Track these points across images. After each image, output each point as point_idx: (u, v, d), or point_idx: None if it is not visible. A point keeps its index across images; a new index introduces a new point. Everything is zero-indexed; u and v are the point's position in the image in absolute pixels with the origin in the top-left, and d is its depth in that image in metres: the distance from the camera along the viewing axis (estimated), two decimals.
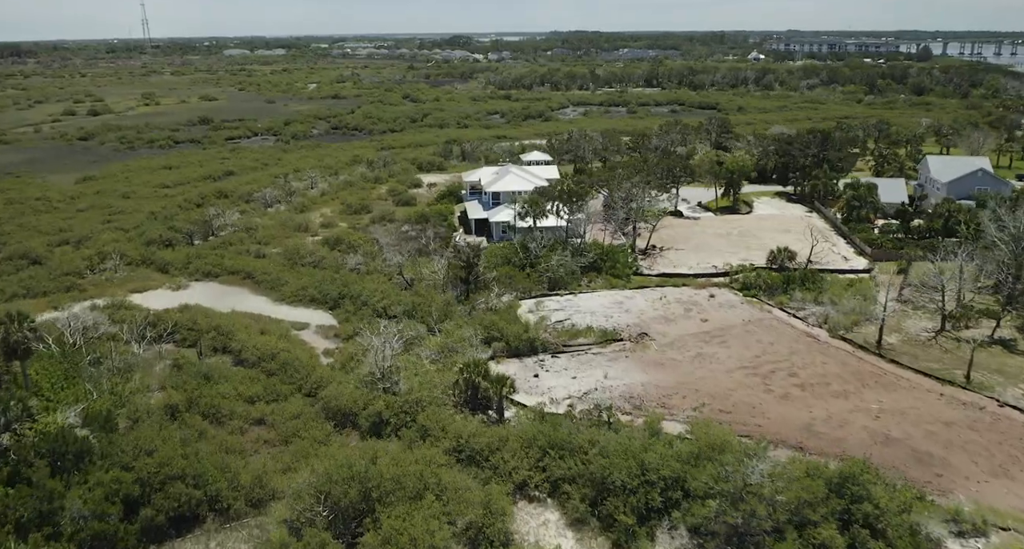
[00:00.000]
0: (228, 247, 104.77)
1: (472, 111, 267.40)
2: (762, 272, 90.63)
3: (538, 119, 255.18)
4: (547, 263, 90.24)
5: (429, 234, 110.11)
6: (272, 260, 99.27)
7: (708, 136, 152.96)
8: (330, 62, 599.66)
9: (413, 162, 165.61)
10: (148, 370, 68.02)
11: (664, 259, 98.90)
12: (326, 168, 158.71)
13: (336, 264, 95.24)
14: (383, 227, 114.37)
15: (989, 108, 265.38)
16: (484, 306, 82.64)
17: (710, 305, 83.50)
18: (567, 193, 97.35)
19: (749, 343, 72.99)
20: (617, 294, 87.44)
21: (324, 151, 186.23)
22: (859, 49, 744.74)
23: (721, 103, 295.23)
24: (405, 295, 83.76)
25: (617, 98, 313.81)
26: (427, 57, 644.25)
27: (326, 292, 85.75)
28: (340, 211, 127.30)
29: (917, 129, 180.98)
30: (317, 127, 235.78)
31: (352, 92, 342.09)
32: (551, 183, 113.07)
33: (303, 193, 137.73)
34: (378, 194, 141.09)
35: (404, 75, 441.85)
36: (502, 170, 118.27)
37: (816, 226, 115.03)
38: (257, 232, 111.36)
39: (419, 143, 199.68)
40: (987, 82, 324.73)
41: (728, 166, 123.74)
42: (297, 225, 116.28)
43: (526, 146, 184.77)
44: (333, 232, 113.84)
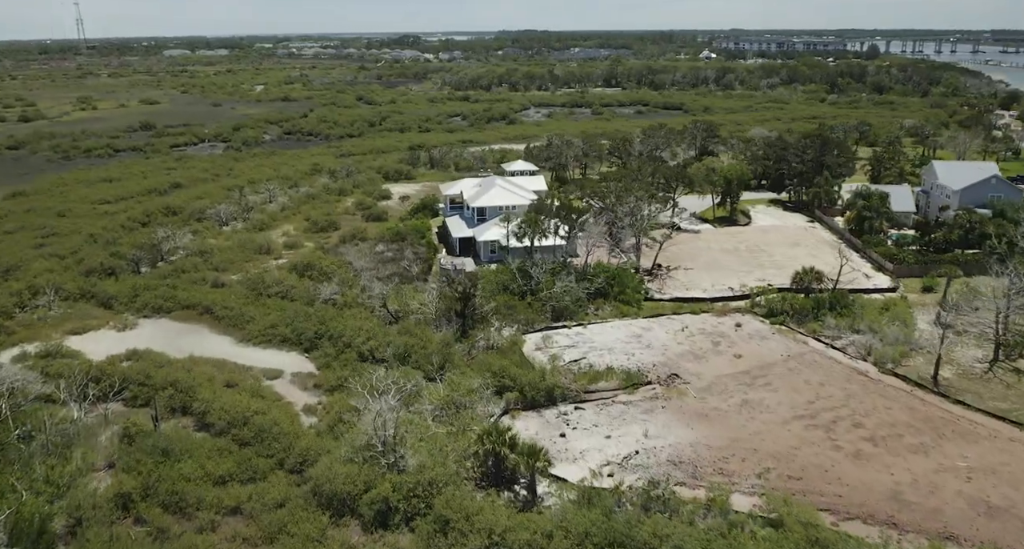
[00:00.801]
0: (181, 275, 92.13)
1: (432, 113, 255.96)
2: (786, 295, 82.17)
3: (502, 121, 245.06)
4: (550, 290, 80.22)
5: (408, 255, 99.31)
6: (233, 290, 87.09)
7: (693, 140, 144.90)
8: (276, 62, 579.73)
9: (379, 171, 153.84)
10: (92, 442, 55.91)
11: (674, 281, 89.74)
12: (284, 179, 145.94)
13: (308, 295, 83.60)
14: (355, 247, 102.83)
15: (954, 107, 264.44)
16: (484, 344, 72.29)
17: (739, 336, 74.47)
18: (567, 210, 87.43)
19: (797, 385, 64.05)
20: (632, 324, 77.84)
21: (280, 159, 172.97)
22: (807, 48, 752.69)
23: (686, 103, 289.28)
24: (393, 333, 72.79)
25: (579, 99, 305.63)
26: (376, 57, 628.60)
27: (300, 330, 74.25)
28: (304, 228, 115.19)
29: (896, 130, 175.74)
30: (269, 132, 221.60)
31: (302, 94, 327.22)
32: (541, 196, 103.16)
33: (261, 208, 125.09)
34: (344, 208, 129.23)
35: (355, 76, 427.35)
36: (486, 182, 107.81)
37: (823, 238, 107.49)
38: (213, 256, 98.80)
39: (381, 149, 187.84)
40: (945, 80, 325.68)
41: (725, 174, 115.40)
42: (258, 247, 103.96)
43: (495, 152, 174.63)
44: (300, 255, 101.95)
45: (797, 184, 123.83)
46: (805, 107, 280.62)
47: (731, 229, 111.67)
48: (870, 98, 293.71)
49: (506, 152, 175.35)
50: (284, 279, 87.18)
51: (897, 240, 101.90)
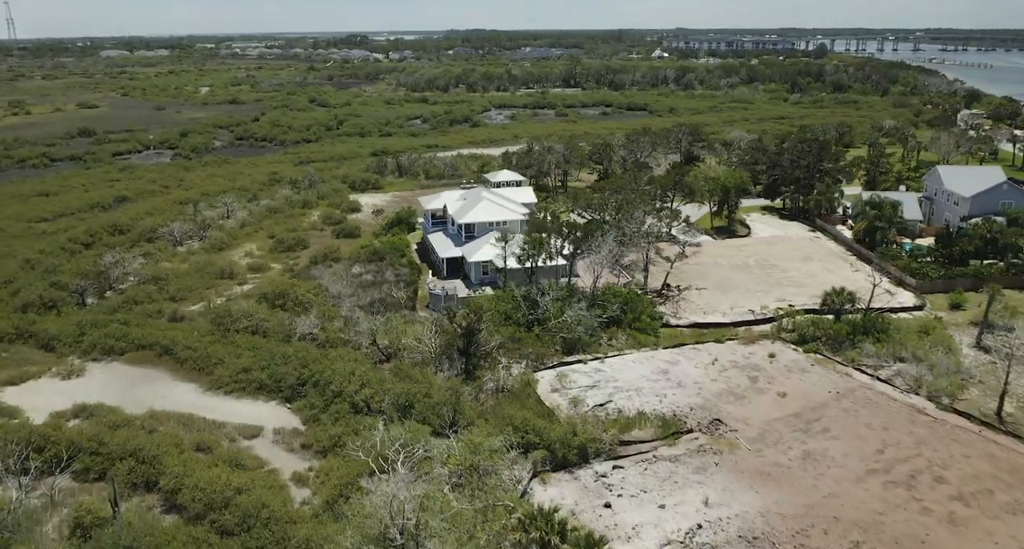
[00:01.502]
0: (133, 307, 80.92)
1: (391, 116, 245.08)
2: (816, 318, 75.11)
3: (465, 124, 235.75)
4: (559, 319, 71.61)
5: (390, 277, 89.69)
6: (195, 325, 76.36)
7: (677, 145, 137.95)
8: (220, 63, 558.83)
9: (344, 180, 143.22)
10: (35, 534, 45.42)
11: (688, 303, 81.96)
12: (241, 190, 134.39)
13: (283, 330, 73.38)
14: (329, 269, 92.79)
15: (917, 106, 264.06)
16: (493, 386, 63.45)
17: (776, 369, 66.96)
18: (575, 228, 78.94)
19: (858, 430, 56.63)
20: (654, 357, 69.76)
21: (234, 168, 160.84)
22: (755, 46, 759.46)
23: (650, 104, 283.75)
24: (388, 377, 63.34)
25: (541, 100, 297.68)
26: (324, 57, 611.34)
27: (279, 375, 64.26)
28: (269, 247, 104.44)
29: (874, 133, 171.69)
30: (219, 138, 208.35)
31: (251, 96, 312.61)
32: (533, 210, 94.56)
33: (219, 225, 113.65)
34: (310, 222, 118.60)
35: (305, 77, 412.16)
36: (471, 195, 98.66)
37: (832, 251, 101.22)
38: (169, 283, 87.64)
39: (342, 156, 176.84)
40: (903, 79, 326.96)
41: (723, 181, 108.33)
42: (219, 270, 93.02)
43: (464, 157, 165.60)
44: (267, 280, 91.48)
45: (794, 191, 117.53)
46: (770, 107, 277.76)
47: (734, 241, 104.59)
48: (832, 97, 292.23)
49: (476, 157, 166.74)
50: (254, 311, 76.67)
51: (911, 251, 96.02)
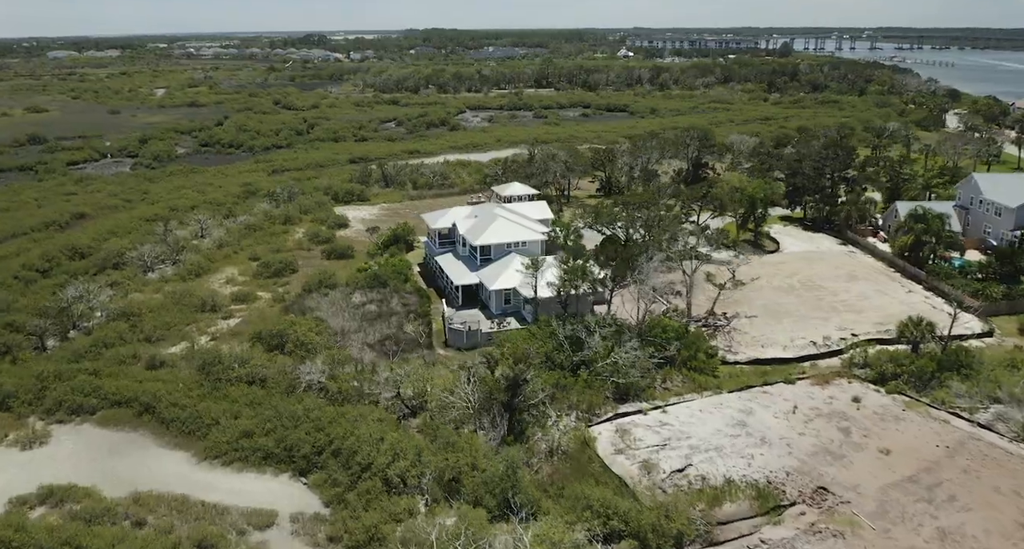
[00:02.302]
0: (103, 352, 69.27)
1: (363, 119, 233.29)
2: (890, 352, 66.86)
3: (442, 127, 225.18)
4: (609, 360, 62.09)
5: (397, 307, 79.43)
6: (178, 375, 65.19)
7: (684, 150, 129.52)
8: (174, 64, 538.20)
9: (326, 192, 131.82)
10: None
11: (741, 334, 73.04)
12: (214, 205, 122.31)
13: (285, 379, 62.66)
14: (324, 297, 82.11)
15: (899, 106, 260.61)
16: (546, 446, 53.83)
17: (866, 417, 58.32)
18: (618, 252, 69.47)
19: (987, 496, 48.13)
20: (722, 404, 60.67)
21: (202, 178, 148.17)
22: (719, 45, 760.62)
23: (629, 105, 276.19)
24: (421, 442, 53.15)
25: (516, 101, 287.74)
26: (283, 57, 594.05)
27: (289, 441, 53.63)
28: (253, 272, 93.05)
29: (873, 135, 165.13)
30: (182, 144, 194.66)
31: (211, 99, 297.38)
32: (558, 231, 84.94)
33: (193, 245, 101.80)
34: (295, 240, 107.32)
35: (266, 77, 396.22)
36: (483, 211, 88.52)
37: (876, 268, 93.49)
38: (143, 320, 76.03)
39: (318, 163, 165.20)
40: (878, 78, 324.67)
41: (751, 192, 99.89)
42: (199, 302, 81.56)
43: (451, 163, 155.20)
44: (255, 312, 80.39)
45: (820, 200, 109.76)
46: (751, 107, 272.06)
47: (767, 258, 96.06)
48: (812, 97, 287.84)
49: (464, 164, 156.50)
50: (249, 356, 65.62)
51: (962, 267, 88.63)
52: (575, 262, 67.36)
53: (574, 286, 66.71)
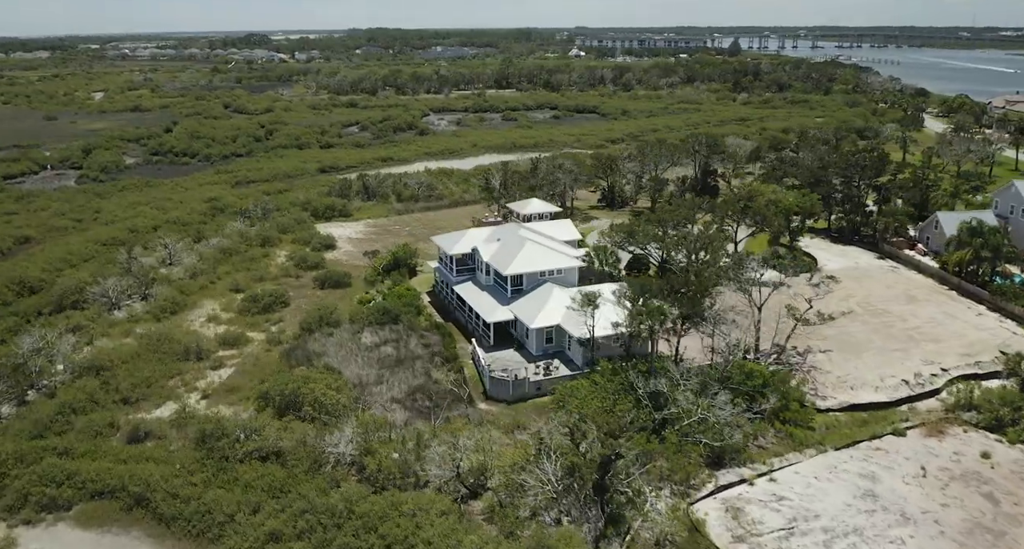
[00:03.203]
0: (73, 420, 56.65)
1: (323, 123, 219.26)
2: (998, 392, 58.76)
3: (411, 132, 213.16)
4: (696, 417, 52.32)
5: (417, 349, 68.52)
6: (168, 446, 53.25)
7: (693, 157, 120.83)
8: (109, 65, 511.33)
9: (304, 207, 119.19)
10: None
11: (823, 373, 64.01)
12: (179, 225, 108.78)
13: (309, 454, 51.19)
14: (329, 338, 70.68)
15: (871, 105, 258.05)
16: (651, 537, 43.81)
17: (1005, 478, 49.77)
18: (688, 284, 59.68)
19: None
20: (836, 467, 51.46)
21: (159, 192, 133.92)
22: (668, 45, 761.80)
23: (599, 106, 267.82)
24: (500, 541, 42.44)
25: (481, 103, 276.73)
26: (225, 57, 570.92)
27: (331, 546, 42.38)
28: (238, 307, 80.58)
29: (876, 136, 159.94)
30: (130, 153, 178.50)
31: (155, 103, 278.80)
32: (599, 254, 74.89)
33: (163, 275, 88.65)
34: (278, 266, 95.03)
35: (210, 79, 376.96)
36: (506, 235, 77.80)
37: (932, 287, 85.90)
38: (116, 374, 63.39)
39: (285, 173, 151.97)
40: (841, 77, 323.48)
41: (787, 204, 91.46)
42: (182, 348, 69.02)
43: (432, 172, 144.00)
44: (251, 360, 68.35)
45: (849, 211, 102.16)
46: (722, 108, 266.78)
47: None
48: (781, 97, 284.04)
49: (448, 174, 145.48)
50: (258, 425, 53.76)
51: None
52: (648, 300, 57.09)
53: (648, 328, 56.54)
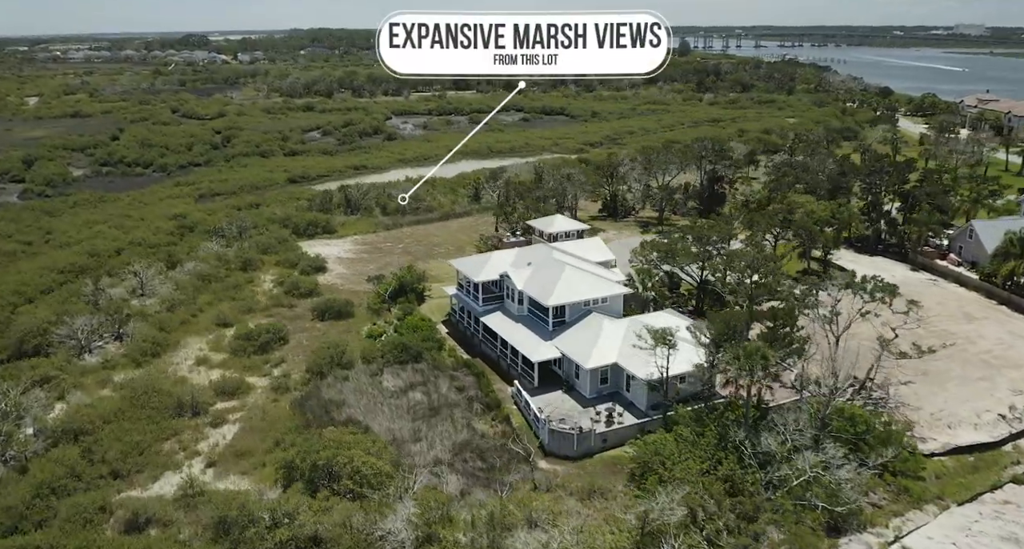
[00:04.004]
0: (52, 503, 46.39)
1: (283, 129, 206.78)
2: None
3: (377, 137, 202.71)
4: (804, 477, 44.97)
5: (447, 392, 59.97)
6: (175, 536, 43.66)
7: (698, 163, 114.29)
8: (41, 68, 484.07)
9: (284, 223, 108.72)
10: None
11: (912, 409, 57.42)
12: (145, 247, 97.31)
13: (357, 542, 42.13)
14: (344, 383, 61.55)
15: (837, 105, 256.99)
16: None
17: None
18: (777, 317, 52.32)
19: None
20: (970, 527, 45.12)
21: (116, 208, 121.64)
22: None
23: (566, 107, 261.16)
24: None
25: (445, 106, 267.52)
26: (164, 59, 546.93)
27: None
28: (230, 346, 70.44)
29: (868, 137, 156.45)
30: (76, 164, 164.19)
31: (95, 108, 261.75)
32: (644, 279, 67.17)
33: (136, 308, 77.82)
34: (267, 293, 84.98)
35: (152, 82, 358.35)
36: (537, 257, 69.46)
37: (982, 302, 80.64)
38: (100, 439, 53.12)
39: (253, 184, 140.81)
40: (802, 77, 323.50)
41: (822, 216, 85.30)
42: (173, 401, 58.96)
43: (412, 181, 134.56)
44: (258, 413, 58.72)
45: (875, 220, 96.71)
46: (690, 108, 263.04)
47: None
48: (748, 97, 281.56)
49: (429, 183, 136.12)
50: (291, 506, 44.38)
51: None
52: (751, 344, 49.28)
53: (750, 373, 48.84)
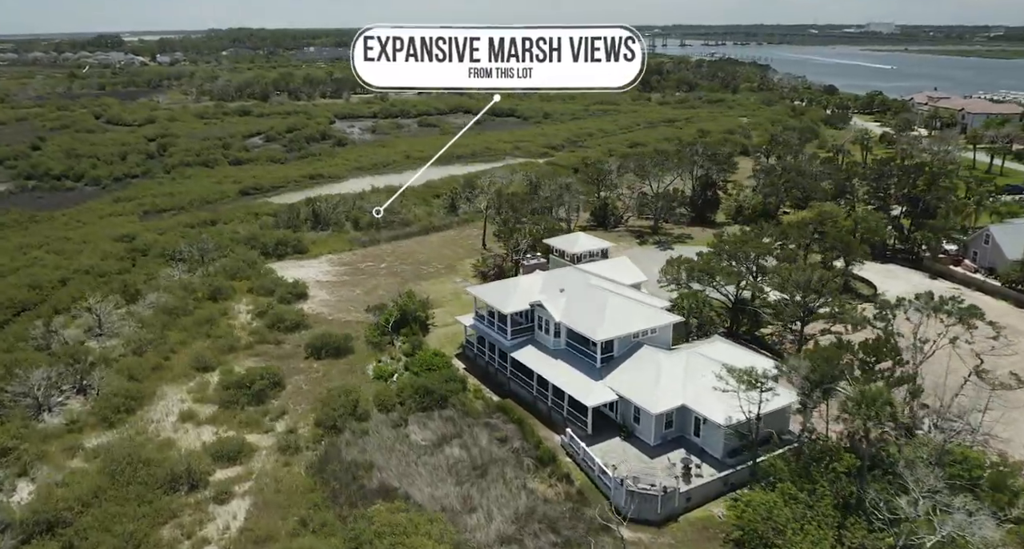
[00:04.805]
0: None
1: (222, 135, 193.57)
2: None
3: (325, 142, 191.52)
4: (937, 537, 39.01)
5: (490, 447, 52.21)
6: None
7: (690, 168, 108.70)
8: None
9: (250, 243, 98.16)
10: None
11: (1002, 441, 52.42)
12: (93, 277, 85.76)
13: None
14: (365, 437, 53.07)
15: (785, 103, 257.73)
16: None
17: None
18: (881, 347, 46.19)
19: None
20: None
21: (51, 229, 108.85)
22: None
23: (517, 109, 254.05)
24: None
25: (390, 108, 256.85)
26: (77, 61, 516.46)
27: None
28: (218, 396, 60.58)
29: (842, 137, 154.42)
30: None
31: (8, 115, 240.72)
32: (689, 301, 60.56)
33: (95, 351, 67.02)
34: (245, 327, 75.00)
35: (69, 86, 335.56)
36: (570, 283, 61.89)
37: (1003, 309, 77.06)
38: (83, 531, 43.23)
39: (203, 198, 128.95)
40: (744, 75, 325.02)
41: (845, 224, 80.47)
42: (164, 472, 49.25)
43: (379, 191, 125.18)
44: (269, 482, 49.59)
45: (886, 225, 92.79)
46: (642, 108, 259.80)
47: None
48: (696, 96, 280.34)
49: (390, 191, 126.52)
50: None
51: None
52: (876, 386, 42.79)
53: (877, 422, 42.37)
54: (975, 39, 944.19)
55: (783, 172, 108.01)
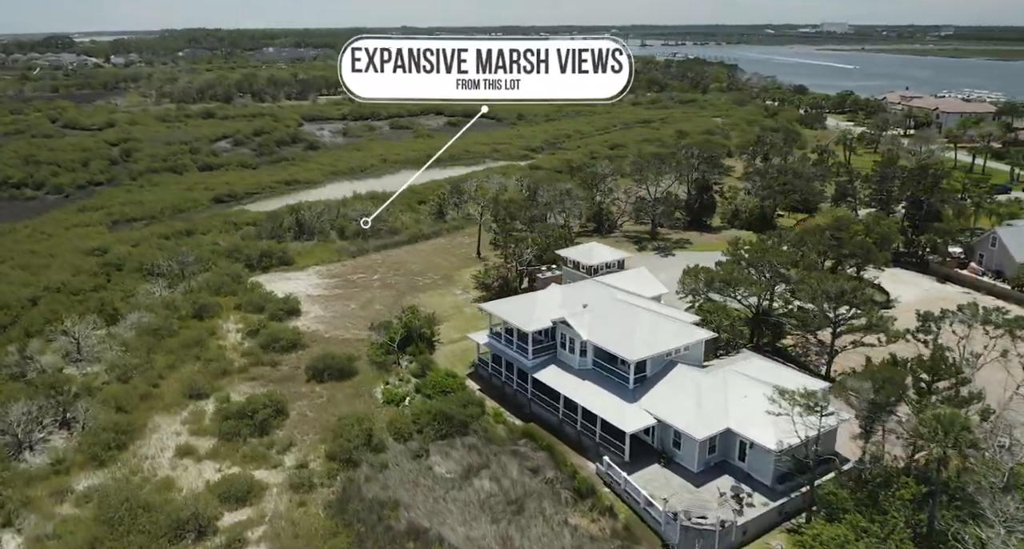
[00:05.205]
0: None
1: (185, 139, 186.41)
2: None
3: (297, 146, 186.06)
4: None
5: (523, 478, 48.63)
6: None
7: (686, 171, 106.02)
8: None
9: (233, 255, 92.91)
10: None
11: None
12: (65, 295, 79.95)
13: None
14: (386, 471, 49.00)
15: (757, 103, 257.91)
16: None
17: None
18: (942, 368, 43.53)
19: None
20: None
21: (13, 243, 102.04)
22: None
23: (492, 110, 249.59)
24: None
25: (359, 110, 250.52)
26: (27, 63, 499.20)
27: None
28: (217, 427, 55.90)
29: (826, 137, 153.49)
30: None
31: None
32: (719, 317, 57.55)
33: (77, 379, 61.72)
34: (236, 348, 70.18)
35: (20, 89, 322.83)
36: (594, 298, 58.41)
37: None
38: None
39: (174, 206, 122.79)
40: (712, 75, 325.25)
41: (858, 230, 78.38)
42: (167, 518, 44.62)
43: (360, 198, 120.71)
44: (287, 527, 45.24)
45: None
46: (616, 109, 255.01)
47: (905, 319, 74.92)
48: (668, 96, 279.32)
49: (382, 200, 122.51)
50: None
51: None
52: (948, 410, 40.02)
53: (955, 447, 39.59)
54: (927, 38, 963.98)
55: (779, 174, 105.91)
